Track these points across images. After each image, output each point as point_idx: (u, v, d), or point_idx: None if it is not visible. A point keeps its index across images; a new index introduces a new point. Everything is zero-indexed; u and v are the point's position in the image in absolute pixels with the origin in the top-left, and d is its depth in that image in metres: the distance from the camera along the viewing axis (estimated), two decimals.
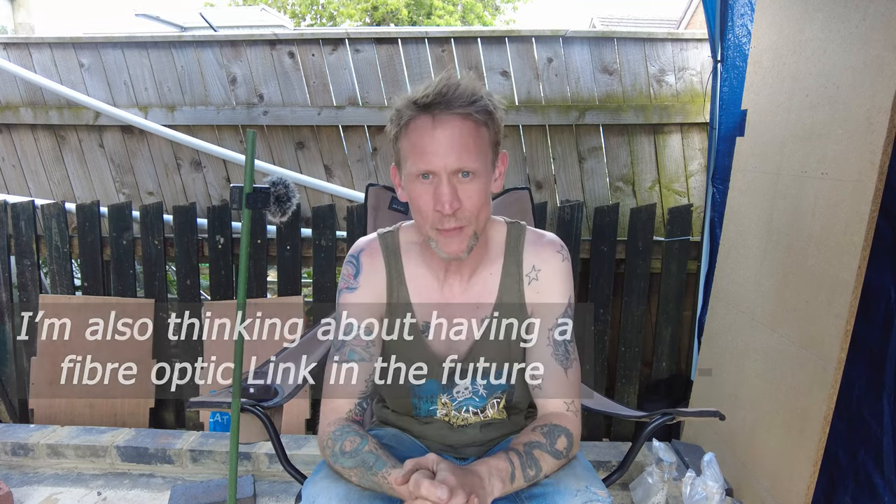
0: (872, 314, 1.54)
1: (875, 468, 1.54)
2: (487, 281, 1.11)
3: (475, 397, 1.15)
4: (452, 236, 0.98)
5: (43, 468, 2.29)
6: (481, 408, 1.17)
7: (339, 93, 3.02)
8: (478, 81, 0.99)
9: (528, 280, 1.10)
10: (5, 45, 3.19)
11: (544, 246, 1.12)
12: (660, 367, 2.65)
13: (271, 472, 2.25)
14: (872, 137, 1.41)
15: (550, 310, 1.10)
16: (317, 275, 2.65)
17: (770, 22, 1.96)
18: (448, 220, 0.96)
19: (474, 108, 0.95)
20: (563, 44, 2.87)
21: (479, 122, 0.96)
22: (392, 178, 1.08)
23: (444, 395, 1.15)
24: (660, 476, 1.95)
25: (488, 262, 1.11)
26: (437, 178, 0.95)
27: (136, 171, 3.23)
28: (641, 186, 2.95)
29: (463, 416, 1.17)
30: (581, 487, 0.98)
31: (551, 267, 1.10)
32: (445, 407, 1.17)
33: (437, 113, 0.94)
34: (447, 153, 0.93)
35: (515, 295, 1.10)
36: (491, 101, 0.98)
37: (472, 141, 0.95)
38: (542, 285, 1.10)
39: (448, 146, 0.93)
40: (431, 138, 0.94)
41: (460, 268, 1.09)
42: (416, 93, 0.96)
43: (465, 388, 1.14)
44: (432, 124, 0.94)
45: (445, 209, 0.94)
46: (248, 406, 1.25)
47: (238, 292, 1.34)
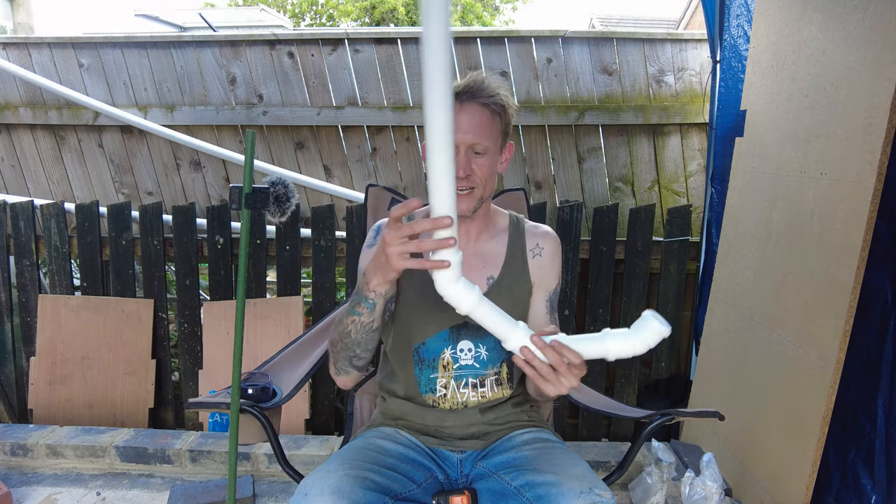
0: (869, 315, 1.54)
1: (864, 469, 1.55)
2: (494, 248, 1.29)
3: (476, 363, 1.24)
4: (464, 197, 1.16)
5: (42, 468, 2.29)
6: (480, 379, 1.24)
7: (338, 93, 3.02)
8: (501, 82, 1.21)
9: (533, 255, 1.29)
10: (5, 45, 3.19)
11: (544, 232, 1.33)
12: (659, 368, 2.65)
13: (270, 473, 2.25)
14: (871, 138, 1.41)
15: (549, 282, 1.29)
16: (316, 275, 2.65)
17: (769, 22, 1.96)
18: (462, 181, 1.15)
19: (492, 101, 1.16)
20: (563, 44, 2.87)
21: (494, 111, 1.17)
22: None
23: (448, 349, 1.23)
24: (659, 476, 1.95)
25: (494, 233, 1.30)
26: (456, 150, 1.13)
27: (136, 171, 3.23)
28: (641, 187, 2.96)
29: (461, 392, 1.24)
30: (585, 488, 0.99)
31: (551, 248, 1.31)
32: (447, 373, 1.23)
33: (464, 100, 1.15)
34: (467, 131, 1.14)
35: (521, 264, 1.28)
36: (506, 99, 1.19)
37: (487, 125, 1.16)
38: (544, 261, 1.29)
39: (468, 126, 1.14)
40: (457, 118, 1.12)
41: (468, 229, 1.26)
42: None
43: (469, 350, 1.24)
44: (459, 108, 1.14)
45: (460, 173, 1.13)
46: (247, 407, 1.25)
47: (237, 292, 1.35)
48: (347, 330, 1.13)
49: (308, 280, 2.86)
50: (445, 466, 1.22)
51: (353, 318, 1.11)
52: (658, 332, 0.95)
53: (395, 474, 1.09)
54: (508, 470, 1.12)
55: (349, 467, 1.04)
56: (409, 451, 1.19)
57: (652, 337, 0.96)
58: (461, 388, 1.24)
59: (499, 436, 1.25)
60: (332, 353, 1.20)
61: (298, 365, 1.47)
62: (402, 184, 3.08)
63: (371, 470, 1.06)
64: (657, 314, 0.97)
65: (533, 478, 1.05)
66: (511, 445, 1.21)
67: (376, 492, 1.01)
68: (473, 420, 1.25)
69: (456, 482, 1.20)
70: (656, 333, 0.95)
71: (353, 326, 1.12)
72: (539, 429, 1.27)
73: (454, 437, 1.24)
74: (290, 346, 1.54)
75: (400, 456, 1.17)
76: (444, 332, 1.23)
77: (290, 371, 1.45)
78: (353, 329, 1.12)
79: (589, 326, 2.62)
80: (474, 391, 1.25)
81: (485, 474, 1.16)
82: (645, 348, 0.96)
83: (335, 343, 1.18)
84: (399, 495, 1.06)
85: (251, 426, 1.28)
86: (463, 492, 1.09)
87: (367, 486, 1.01)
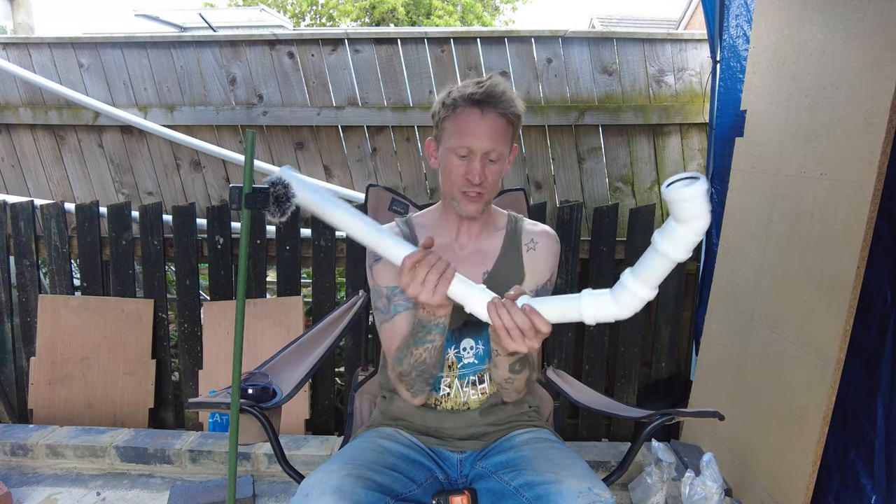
0: (869, 315, 1.54)
1: (864, 469, 1.54)
2: (491, 245, 1.32)
3: (475, 360, 1.26)
4: (474, 201, 1.21)
5: (42, 468, 2.29)
6: (479, 375, 1.27)
7: (338, 93, 3.02)
8: (506, 84, 1.22)
9: (527, 248, 1.32)
10: (4, 45, 3.19)
11: (541, 230, 1.36)
12: (659, 368, 2.65)
13: (270, 473, 2.25)
14: (871, 138, 1.41)
15: (539, 275, 1.31)
16: (316, 275, 2.65)
17: (769, 22, 1.96)
18: (474, 188, 1.19)
19: (510, 111, 1.18)
20: (563, 44, 2.87)
21: (510, 121, 1.19)
22: (426, 149, 1.31)
23: (452, 349, 1.26)
24: (659, 476, 1.95)
25: (493, 230, 1.33)
26: (472, 156, 1.18)
27: (136, 171, 3.23)
28: (641, 187, 2.95)
29: (464, 391, 1.26)
30: (583, 488, 0.99)
31: (545, 243, 1.33)
32: (451, 373, 1.25)
33: (486, 108, 1.17)
34: (484, 138, 1.16)
35: (516, 260, 1.30)
36: (521, 107, 1.22)
37: (503, 134, 1.19)
38: (538, 255, 1.32)
39: (486, 134, 1.17)
40: (477, 126, 1.16)
41: (470, 228, 1.30)
42: (470, 88, 1.18)
43: (470, 348, 1.26)
44: (480, 116, 1.17)
45: (475, 180, 1.18)
46: (247, 407, 1.25)
47: (237, 292, 1.35)
48: (422, 359, 1.15)
49: (308, 280, 2.86)
50: (445, 466, 1.22)
51: (426, 346, 1.13)
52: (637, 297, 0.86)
53: (395, 474, 1.10)
54: (507, 470, 1.12)
55: (350, 467, 1.04)
56: (409, 452, 1.19)
57: (632, 301, 0.87)
58: (464, 387, 1.26)
59: (498, 436, 1.25)
60: (404, 382, 1.21)
61: (298, 365, 1.47)
62: (402, 184, 3.08)
63: (372, 470, 1.06)
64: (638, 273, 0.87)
65: (532, 477, 1.05)
66: (510, 445, 1.21)
67: (377, 492, 1.01)
68: (473, 421, 1.25)
69: (456, 482, 1.21)
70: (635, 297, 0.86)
71: (426, 354, 1.14)
72: (539, 428, 1.28)
73: (454, 438, 1.25)
74: (290, 346, 1.54)
75: (401, 456, 1.17)
76: (448, 333, 1.24)
77: (290, 371, 1.45)
78: (427, 356, 1.15)
79: (589, 326, 2.61)
80: (474, 389, 1.26)
81: (484, 474, 1.16)
82: (628, 312, 0.88)
83: (405, 374, 1.19)
84: (400, 495, 1.06)
85: (251, 426, 1.28)
86: (463, 492, 1.09)
87: (369, 486, 1.01)
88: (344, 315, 1.61)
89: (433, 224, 1.34)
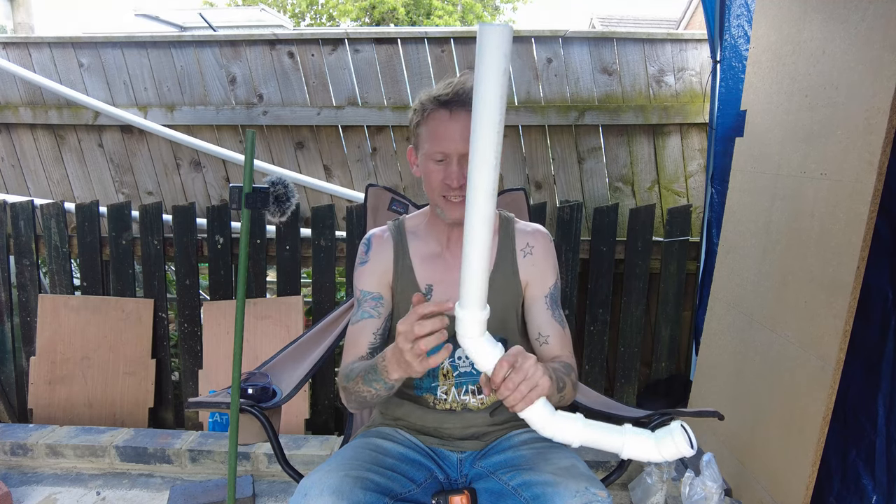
0: (869, 315, 1.54)
1: (865, 469, 1.54)
2: None
3: (473, 370, 1.23)
4: (457, 206, 1.15)
5: (42, 468, 2.29)
6: (478, 386, 1.24)
7: (338, 93, 3.02)
8: None
9: (523, 254, 1.27)
10: (5, 45, 3.19)
11: (534, 230, 1.31)
12: (659, 368, 2.65)
13: (270, 472, 2.25)
14: (871, 138, 1.41)
15: (544, 279, 1.27)
16: (316, 275, 2.65)
17: (769, 22, 1.96)
18: (455, 192, 1.14)
19: None
20: (563, 44, 2.87)
21: None
22: (408, 157, 1.26)
23: (447, 359, 1.22)
24: (658, 476, 1.95)
25: None
26: (449, 159, 1.13)
27: (136, 170, 3.23)
28: (641, 187, 2.95)
29: (462, 399, 1.24)
30: (581, 488, 0.99)
31: (542, 245, 1.29)
32: (447, 381, 1.23)
33: (454, 108, 1.12)
34: (458, 140, 1.11)
35: (510, 265, 1.26)
36: None
37: None
38: (536, 259, 1.27)
39: (460, 135, 1.11)
40: (448, 128, 1.12)
41: (460, 236, 1.22)
42: (438, 90, 1.14)
43: (466, 358, 1.23)
44: (449, 117, 1.12)
45: (454, 184, 1.12)
46: (247, 406, 1.25)
47: (237, 292, 1.35)
48: (363, 395, 1.11)
49: (308, 280, 2.86)
50: (445, 466, 1.22)
51: (370, 389, 1.08)
52: (678, 449, 0.89)
53: (394, 474, 1.10)
54: (506, 469, 1.12)
55: (349, 467, 1.04)
56: (408, 451, 1.19)
57: (671, 450, 0.90)
58: (461, 395, 1.25)
59: (498, 435, 1.25)
60: (344, 392, 1.18)
61: (298, 365, 1.47)
62: (402, 184, 3.08)
63: (371, 470, 1.06)
64: (687, 429, 0.91)
65: (530, 477, 1.05)
66: (510, 445, 1.21)
67: (376, 492, 1.01)
68: (473, 421, 1.25)
69: (456, 482, 1.21)
70: (676, 449, 0.90)
71: (368, 395, 1.10)
72: None
73: (454, 438, 1.24)
74: (290, 346, 1.54)
75: (400, 456, 1.17)
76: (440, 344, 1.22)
77: (290, 371, 1.45)
78: (368, 396, 1.11)
79: (589, 326, 2.62)
80: (474, 397, 1.25)
81: (484, 474, 1.16)
82: (661, 459, 0.90)
83: (347, 390, 1.16)
84: (399, 495, 1.06)
85: (251, 426, 1.28)
86: (462, 491, 1.09)
87: (367, 487, 1.01)
88: (344, 315, 1.61)
89: (423, 231, 1.30)
